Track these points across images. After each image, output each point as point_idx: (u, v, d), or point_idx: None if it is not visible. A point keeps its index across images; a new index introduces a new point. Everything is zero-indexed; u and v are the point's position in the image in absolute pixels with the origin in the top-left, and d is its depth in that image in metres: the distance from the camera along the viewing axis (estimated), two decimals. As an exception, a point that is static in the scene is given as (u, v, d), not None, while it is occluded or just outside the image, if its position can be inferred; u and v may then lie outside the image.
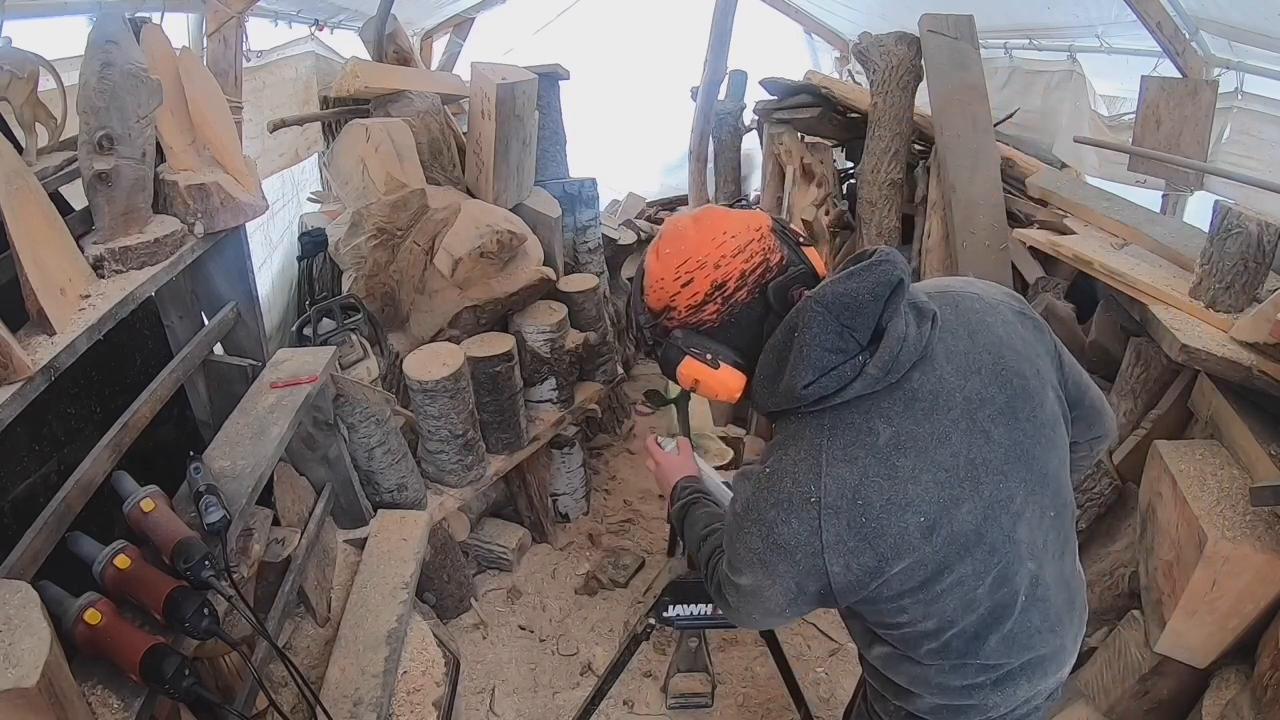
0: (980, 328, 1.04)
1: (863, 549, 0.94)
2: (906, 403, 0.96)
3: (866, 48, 2.97)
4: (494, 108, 2.73)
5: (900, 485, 0.94)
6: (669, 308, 1.07)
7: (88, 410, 1.61)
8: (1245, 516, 1.64)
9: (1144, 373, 2.20)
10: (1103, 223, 2.53)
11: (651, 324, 1.10)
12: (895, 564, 0.95)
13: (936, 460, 0.95)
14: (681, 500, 1.41)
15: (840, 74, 5.65)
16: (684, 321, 1.06)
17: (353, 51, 3.53)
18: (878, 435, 0.95)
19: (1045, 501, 1.05)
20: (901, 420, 0.96)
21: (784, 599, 1.01)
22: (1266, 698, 1.53)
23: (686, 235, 1.05)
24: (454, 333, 2.77)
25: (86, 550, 1.32)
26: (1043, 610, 1.07)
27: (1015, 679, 1.09)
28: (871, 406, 0.96)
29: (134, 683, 1.19)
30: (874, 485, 0.94)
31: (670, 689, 2.33)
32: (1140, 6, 2.68)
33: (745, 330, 1.04)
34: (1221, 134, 2.75)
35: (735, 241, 1.03)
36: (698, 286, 1.03)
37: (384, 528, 2.32)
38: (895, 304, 0.95)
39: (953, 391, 0.98)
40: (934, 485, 0.95)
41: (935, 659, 1.05)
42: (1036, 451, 1.03)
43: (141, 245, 1.56)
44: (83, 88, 1.45)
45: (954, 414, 0.97)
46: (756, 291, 1.03)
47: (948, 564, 0.97)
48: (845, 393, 0.95)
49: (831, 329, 0.93)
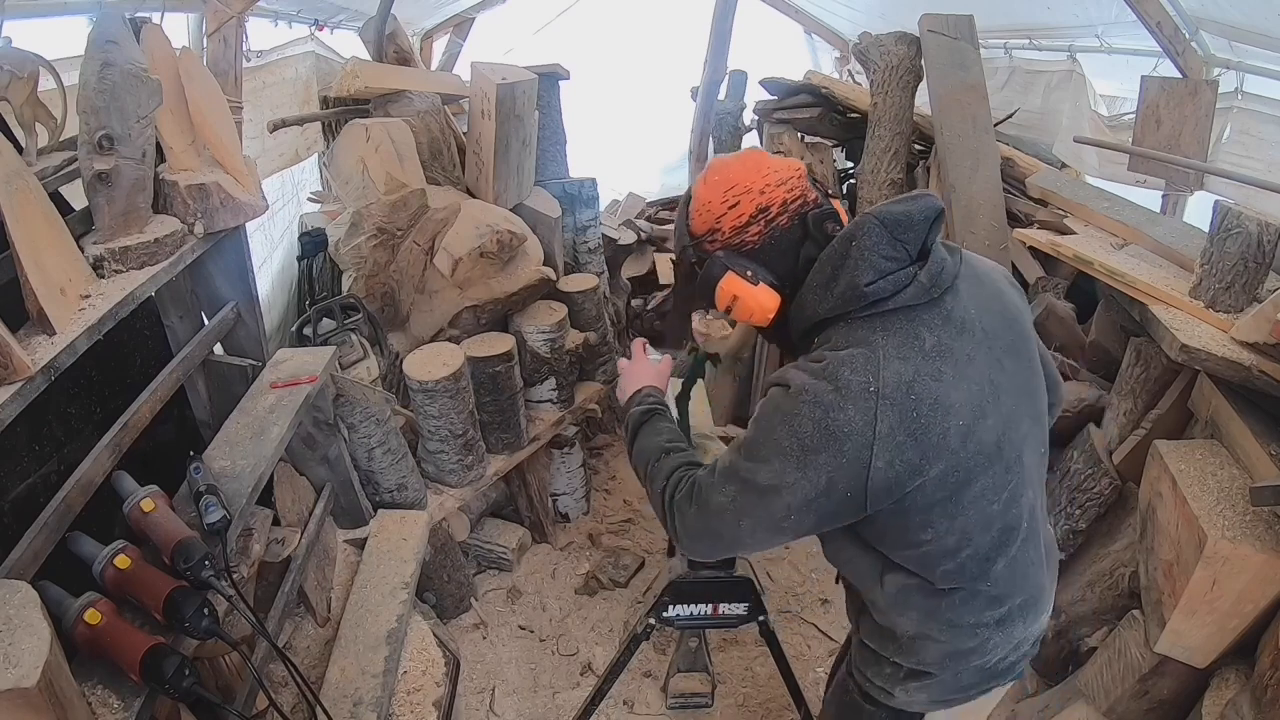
0: (985, 278, 1.17)
1: (909, 445, 1.00)
2: (943, 319, 1.07)
3: (866, 48, 2.97)
4: (494, 108, 2.72)
5: (945, 388, 1.02)
6: (713, 230, 1.15)
7: (88, 410, 1.61)
8: (1245, 516, 1.64)
9: (1144, 373, 2.20)
10: (1103, 223, 2.53)
11: (694, 245, 1.18)
12: (934, 466, 1.02)
13: (968, 374, 1.05)
14: (644, 405, 1.38)
15: (840, 74, 5.65)
16: (726, 242, 1.14)
17: (353, 51, 3.53)
18: (923, 341, 1.04)
19: (1039, 437, 1.17)
20: (941, 333, 1.05)
21: (800, 499, 1.03)
22: (1266, 698, 1.53)
23: (733, 165, 1.15)
24: (454, 333, 2.77)
25: (86, 550, 1.32)
26: (1035, 544, 1.17)
27: (1014, 619, 1.17)
28: (915, 316, 1.05)
29: (134, 683, 1.19)
30: (924, 384, 1.01)
31: (670, 689, 2.33)
32: (1140, 6, 2.68)
33: (783, 255, 1.13)
34: (1221, 134, 2.75)
35: (778, 174, 1.13)
36: (743, 209, 1.12)
37: (384, 528, 2.32)
38: (937, 229, 1.09)
39: (974, 321, 1.09)
40: (968, 394, 1.04)
41: (950, 582, 1.11)
42: (1034, 390, 1.16)
43: (141, 245, 1.56)
44: (83, 88, 1.45)
45: (977, 339, 1.08)
46: (796, 219, 1.13)
47: (974, 474, 1.05)
48: (897, 299, 1.04)
49: (886, 240, 1.04)
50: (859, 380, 1.01)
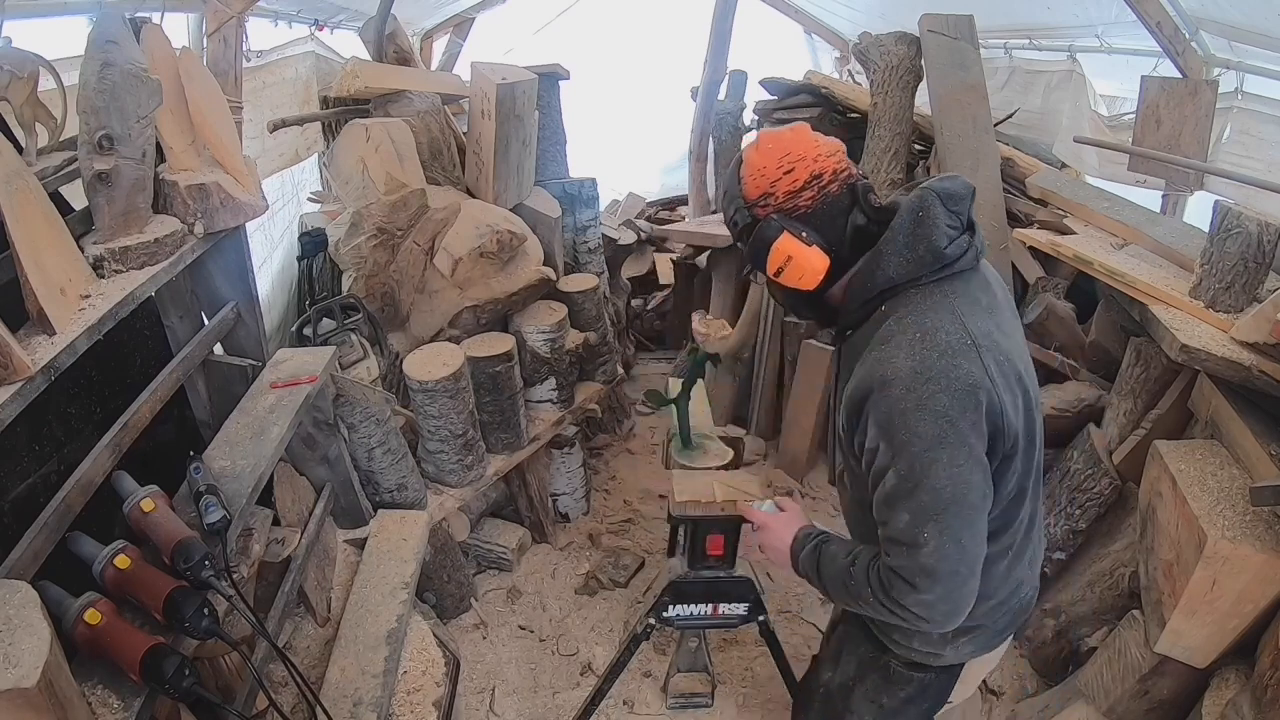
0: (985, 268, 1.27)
1: (1005, 388, 1.10)
2: (983, 284, 1.19)
3: (866, 48, 2.97)
4: (494, 108, 2.72)
5: (1005, 341, 1.14)
6: (767, 194, 1.20)
7: (88, 410, 1.61)
8: (1245, 516, 1.64)
9: (1144, 373, 2.20)
10: (1103, 223, 2.53)
11: (749, 209, 1.23)
12: (1018, 413, 1.13)
13: (1010, 331, 1.18)
14: (808, 545, 1.34)
15: (840, 74, 5.65)
16: (780, 207, 1.20)
17: (353, 51, 3.53)
18: (979, 301, 1.16)
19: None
20: (985, 294, 1.18)
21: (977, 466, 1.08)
22: (1266, 698, 1.53)
23: (786, 135, 1.22)
24: (454, 333, 2.77)
25: (86, 550, 1.32)
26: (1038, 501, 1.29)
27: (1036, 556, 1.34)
28: (969, 279, 1.17)
29: (134, 683, 1.19)
30: (995, 337, 1.12)
31: (670, 689, 2.33)
32: (1140, 6, 2.68)
33: (832, 221, 1.20)
34: (1221, 134, 2.75)
35: (828, 146, 1.21)
36: (798, 175, 1.18)
37: (384, 528, 2.32)
38: (973, 203, 1.20)
39: (994, 287, 1.23)
40: (1016, 348, 1.17)
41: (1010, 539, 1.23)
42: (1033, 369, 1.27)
43: (141, 245, 1.55)
44: (83, 88, 1.45)
45: (1000, 302, 1.21)
46: (845, 188, 1.20)
47: (1033, 423, 1.17)
48: (959, 263, 1.15)
49: (945, 211, 1.16)
50: (956, 336, 1.08)
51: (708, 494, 1.79)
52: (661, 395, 2.09)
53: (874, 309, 1.18)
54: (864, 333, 1.19)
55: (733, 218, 1.26)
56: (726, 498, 1.78)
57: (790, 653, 2.10)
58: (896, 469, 1.08)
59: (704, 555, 1.87)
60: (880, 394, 1.08)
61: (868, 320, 1.19)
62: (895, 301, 1.15)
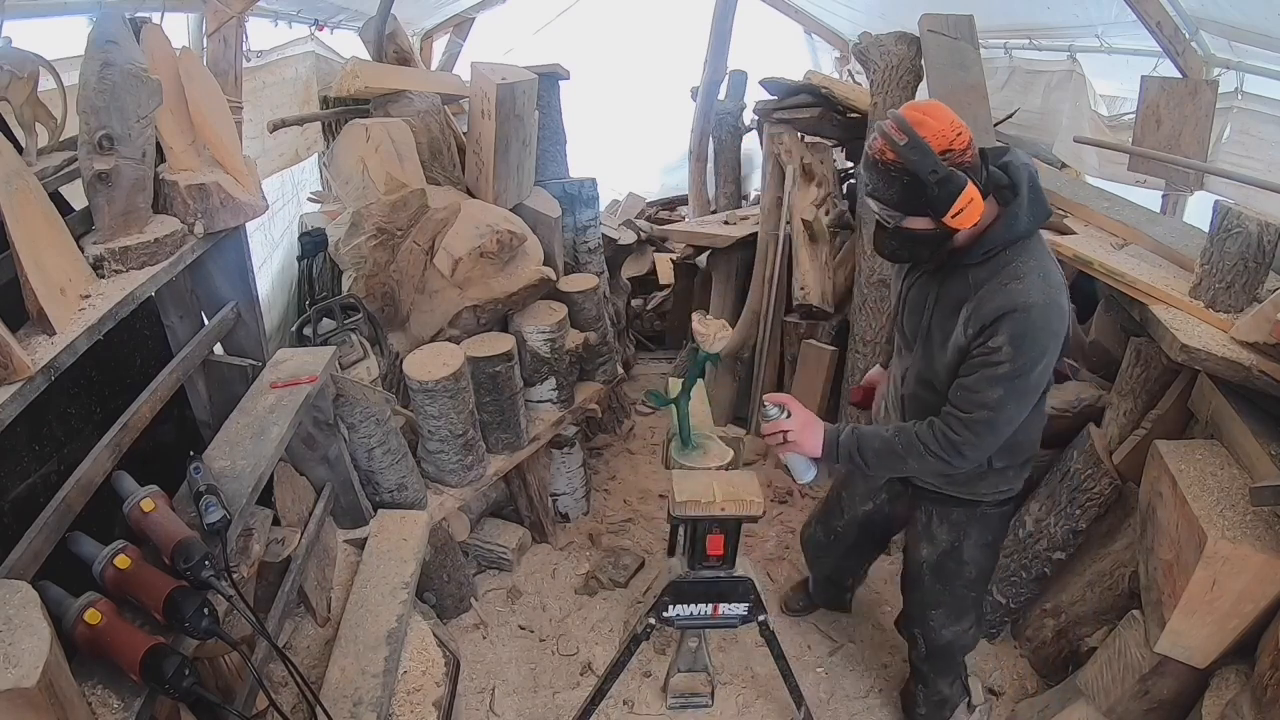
0: None
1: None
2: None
3: (866, 48, 2.97)
4: (494, 108, 2.72)
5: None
6: (948, 150, 1.44)
7: (88, 410, 1.61)
8: (1245, 516, 1.64)
9: (1144, 373, 2.20)
10: (1103, 223, 2.53)
11: (937, 161, 1.44)
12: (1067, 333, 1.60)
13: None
14: (844, 432, 1.73)
15: (840, 74, 5.65)
16: (957, 161, 1.45)
17: (353, 51, 3.53)
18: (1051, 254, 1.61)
19: None
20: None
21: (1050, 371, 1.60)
22: (1266, 698, 1.53)
23: (941, 106, 1.49)
24: (454, 333, 2.77)
25: (86, 550, 1.32)
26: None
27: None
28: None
29: (134, 683, 1.19)
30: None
31: (670, 689, 2.33)
32: (1140, 6, 2.68)
33: (978, 176, 1.48)
34: (1221, 134, 2.75)
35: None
36: (965, 137, 1.46)
37: (384, 528, 2.32)
38: None
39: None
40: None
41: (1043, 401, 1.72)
42: None
43: (141, 245, 1.55)
44: (83, 88, 1.45)
45: None
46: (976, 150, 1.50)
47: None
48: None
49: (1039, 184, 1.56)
50: (1058, 277, 1.54)
51: (708, 494, 1.79)
52: (661, 395, 2.09)
53: (999, 253, 1.54)
54: (989, 269, 1.55)
55: (933, 168, 1.45)
56: (726, 498, 1.78)
57: (790, 653, 2.10)
58: (1014, 363, 1.51)
59: (704, 555, 1.87)
60: (1018, 314, 1.48)
61: (990, 260, 1.55)
62: (1015, 249, 1.54)
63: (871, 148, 1.50)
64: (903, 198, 1.49)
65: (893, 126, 1.45)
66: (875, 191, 1.53)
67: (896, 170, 1.46)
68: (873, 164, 1.50)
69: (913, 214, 1.50)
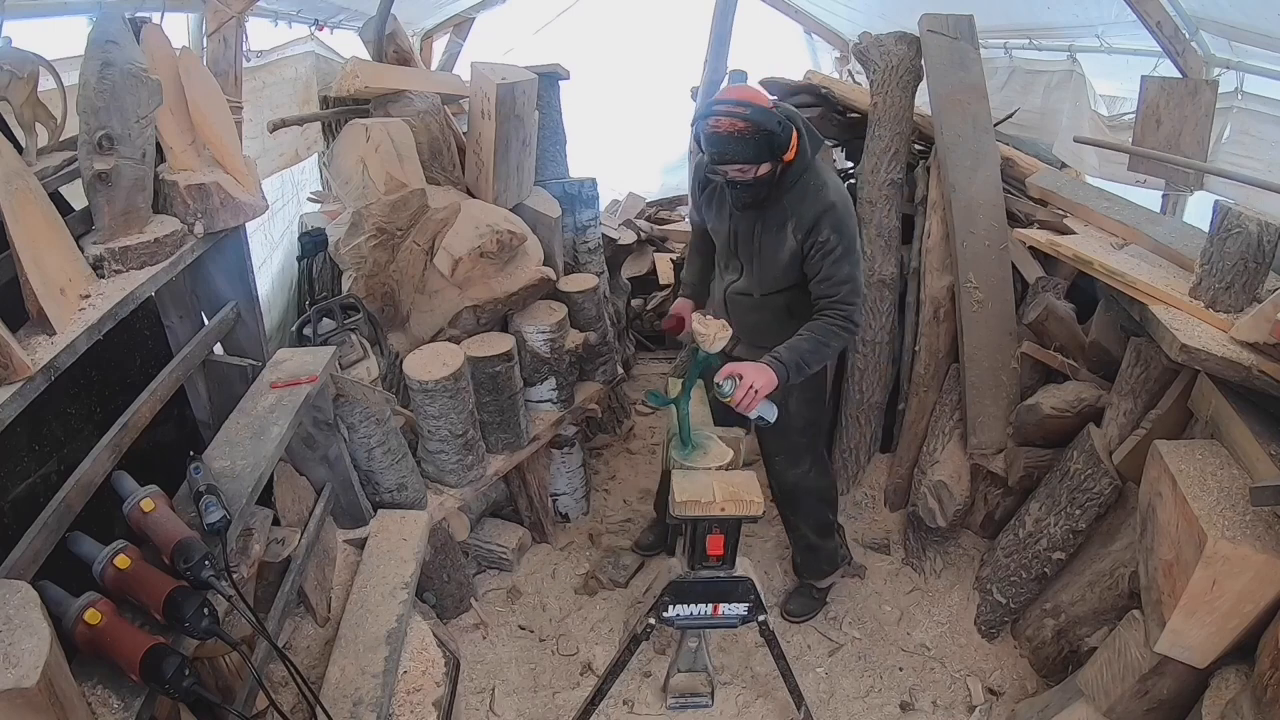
0: None
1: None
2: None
3: (866, 48, 2.97)
4: (494, 108, 2.72)
5: None
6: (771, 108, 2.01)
7: (88, 410, 1.61)
8: (1245, 516, 1.64)
9: (1144, 373, 2.20)
10: (1103, 223, 2.53)
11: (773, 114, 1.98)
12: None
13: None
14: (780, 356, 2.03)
15: (840, 74, 5.64)
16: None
17: (353, 51, 3.52)
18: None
19: None
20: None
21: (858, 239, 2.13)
22: (1266, 698, 1.53)
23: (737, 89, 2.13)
24: (454, 333, 2.76)
25: (86, 550, 1.32)
26: None
27: None
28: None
29: (134, 683, 1.19)
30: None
31: (670, 689, 2.33)
32: (1140, 6, 2.68)
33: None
34: (1221, 134, 2.75)
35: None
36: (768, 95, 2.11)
37: (384, 528, 2.32)
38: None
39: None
40: None
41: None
42: None
43: (141, 245, 1.56)
44: (83, 88, 1.45)
45: None
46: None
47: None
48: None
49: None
50: (840, 182, 2.14)
51: (708, 494, 1.79)
52: (661, 395, 2.09)
53: (800, 178, 2.05)
54: (797, 192, 2.06)
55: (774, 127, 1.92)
56: (726, 498, 1.78)
57: (790, 653, 2.10)
58: (843, 244, 2.03)
59: (704, 555, 1.87)
60: (832, 211, 2.02)
61: (796, 186, 2.05)
62: (810, 173, 2.07)
63: (720, 128, 1.91)
64: (757, 150, 1.93)
65: (729, 109, 1.91)
66: (733, 158, 1.95)
67: (749, 133, 1.90)
68: (727, 138, 1.91)
69: (763, 161, 1.96)
